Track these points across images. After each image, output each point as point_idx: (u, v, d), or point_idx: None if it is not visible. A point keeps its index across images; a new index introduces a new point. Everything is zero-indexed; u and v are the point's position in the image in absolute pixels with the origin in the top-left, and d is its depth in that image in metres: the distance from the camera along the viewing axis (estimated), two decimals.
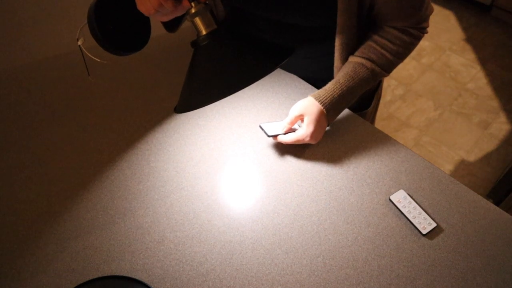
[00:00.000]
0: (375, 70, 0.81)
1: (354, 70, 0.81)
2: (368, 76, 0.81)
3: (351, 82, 0.80)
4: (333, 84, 0.81)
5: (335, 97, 0.80)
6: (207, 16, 0.57)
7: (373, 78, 0.82)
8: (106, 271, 0.71)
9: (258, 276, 0.70)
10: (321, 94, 0.80)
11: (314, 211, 0.77)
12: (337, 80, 0.81)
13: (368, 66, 0.80)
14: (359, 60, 0.81)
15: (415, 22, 0.78)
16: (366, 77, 0.81)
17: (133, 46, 0.69)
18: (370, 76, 0.81)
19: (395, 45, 0.80)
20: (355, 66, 0.81)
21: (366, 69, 0.81)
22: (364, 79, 0.81)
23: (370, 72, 0.81)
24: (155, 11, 0.57)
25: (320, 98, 0.80)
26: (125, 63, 1.07)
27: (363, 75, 0.81)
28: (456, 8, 2.69)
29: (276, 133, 0.82)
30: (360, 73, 0.81)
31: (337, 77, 0.82)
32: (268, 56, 0.59)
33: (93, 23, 0.62)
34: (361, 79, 0.81)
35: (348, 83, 0.80)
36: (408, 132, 2.08)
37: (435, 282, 0.68)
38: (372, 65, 0.80)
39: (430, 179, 0.80)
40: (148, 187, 0.82)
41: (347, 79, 0.80)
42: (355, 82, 0.81)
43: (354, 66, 0.81)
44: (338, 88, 0.80)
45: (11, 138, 0.92)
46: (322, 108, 0.79)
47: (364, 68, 0.81)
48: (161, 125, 0.93)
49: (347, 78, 0.81)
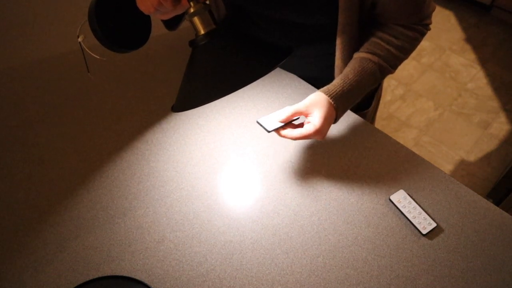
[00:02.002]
0: (382, 65, 0.80)
1: (361, 65, 0.79)
2: (375, 71, 0.80)
3: (359, 77, 0.79)
4: (341, 79, 0.79)
5: (345, 92, 0.78)
6: (205, 15, 0.57)
7: (380, 73, 0.81)
8: (106, 271, 0.71)
9: (258, 276, 0.70)
10: (331, 89, 0.78)
11: (314, 211, 0.77)
12: (346, 75, 0.79)
13: (375, 60, 0.79)
14: (365, 55, 0.80)
15: (418, 20, 0.78)
16: (373, 71, 0.80)
17: (133, 43, 0.69)
18: (377, 71, 0.80)
19: (399, 41, 0.80)
20: (362, 61, 0.80)
21: (373, 63, 0.79)
22: (372, 74, 0.80)
23: (377, 67, 0.80)
24: (154, 10, 0.57)
25: (330, 92, 0.77)
26: (125, 63, 1.07)
27: (371, 70, 0.79)
28: (456, 8, 2.69)
29: (276, 127, 0.78)
30: (367, 68, 0.79)
31: (345, 73, 0.80)
32: (266, 56, 0.59)
33: (93, 20, 0.62)
34: (369, 74, 0.80)
35: (356, 77, 0.79)
36: (408, 132, 2.08)
37: (435, 282, 0.68)
38: (379, 60, 0.79)
39: (430, 179, 0.80)
40: (148, 187, 0.82)
41: (355, 74, 0.79)
42: (363, 77, 0.79)
43: (361, 61, 0.80)
44: (347, 83, 0.78)
45: (11, 138, 0.92)
46: (333, 103, 0.77)
47: (371, 63, 0.79)
48: (161, 125, 0.93)
49: (355, 73, 0.79)
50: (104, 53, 0.70)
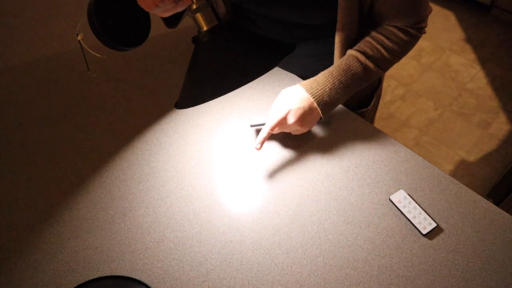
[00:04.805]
0: (368, 65, 0.80)
1: (347, 63, 0.80)
2: (360, 71, 0.80)
3: (343, 76, 0.80)
4: (325, 76, 0.80)
5: (327, 90, 0.79)
6: (208, 12, 0.57)
7: (365, 73, 0.81)
8: (106, 271, 0.71)
9: (258, 276, 0.70)
10: (313, 86, 0.80)
11: (314, 211, 0.77)
12: (330, 73, 0.80)
13: (362, 60, 0.80)
14: (353, 53, 0.81)
15: (414, 22, 0.79)
16: (358, 71, 0.80)
17: (133, 41, 0.69)
18: (362, 71, 0.81)
19: (391, 42, 0.80)
20: (349, 59, 0.81)
21: (359, 63, 0.80)
22: (356, 74, 0.80)
23: (362, 67, 0.80)
24: (155, 6, 0.57)
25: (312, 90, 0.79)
26: (125, 62, 1.07)
27: (356, 69, 0.80)
28: (456, 8, 2.69)
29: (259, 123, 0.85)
30: (353, 67, 0.80)
31: (331, 69, 0.81)
32: (269, 52, 0.59)
33: (93, 17, 0.61)
34: (354, 74, 0.80)
35: (340, 77, 0.80)
36: (408, 132, 2.08)
37: (435, 282, 0.68)
38: (366, 60, 0.80)
39: (430, 179, 0.80)
40: (148, 187, 0.82)
41: (339, 73, 0.80)
42: (347, 77, 0.80)
43: (348, 59, 0.81)
44: (330, 81, 0.80)
45: (11, 138, 0.92)
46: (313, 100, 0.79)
47: (357, 62, 0.80)
48: (161, 125, 0.93)
49: (339, 72, 0.80)
50: (104, 51, 0.69)
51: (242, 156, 0.86)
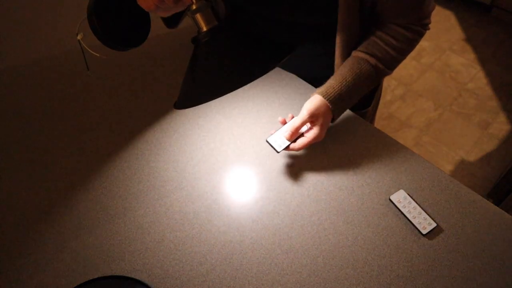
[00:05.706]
0: (379, 68, 0.81)
1: (359, 67, 0.80)
2: (372, 74, 0.81)
3: (357, 80, 0.79)
4: (338, 81, 0.80)
5: (342, 94, 0.79)
6: (208, 12, 0.57)
7: (376, 75, 0.82)
8: (106, 271, 0.71)
9: (258, 276, 0.70)
10: (329, 92, 0.79)
11: (314, 211, 0.77)
12: (344, 77, 0.80)
13: (373, 63, 0.80)
14: (363, 55, 0.80)
15: (418, 19, 0.78)
16: (370, 74, 0.80)
17: (132, 41, 0.69)
18: (374, 74, 0.81)
19: (398, 42, 0.80)
20: (360, 62, 0.80)
21: (371, 66, 0.80)
22: (369, 77, 0.80)
23: (374, 70, 0.80)
24: (155, 7, 0.57)
25: (328, 96, 0.78)
26: (124, 62, 1.07)
27: (368, 72, 0.80)
28: (456, 8, 2.69)
29: (285, 145, 0.80)
30: (365, 71, 0.80)
31: (343, 74, 0.80)
32: (269, 53, 0.59)
33: (93, 17, 0.61)
34: (367, 77, 0.80)
35: (354, 81, 0.79)
36: (408, 132, 2.08)
37: (435, 282, 0.68)
38: (376, 62, 0.80)
39: (430, 179, 0.80)
40: (148, 187, 0.82)
41: (353, 77, 0.79)
42: (361, 80, 0.80)
43: (359, 63, 0.80)
44: (344, 85, 0.79)
45: (11, 138, 0.92)
46: (330, 106, 0.78)
47: (369, 65, 0.80)
48: (161, 125, 0.93)
49: (353, 76, 0.79)
50: (104, 51, 0.69)
51: (242, 156, 0.86)
